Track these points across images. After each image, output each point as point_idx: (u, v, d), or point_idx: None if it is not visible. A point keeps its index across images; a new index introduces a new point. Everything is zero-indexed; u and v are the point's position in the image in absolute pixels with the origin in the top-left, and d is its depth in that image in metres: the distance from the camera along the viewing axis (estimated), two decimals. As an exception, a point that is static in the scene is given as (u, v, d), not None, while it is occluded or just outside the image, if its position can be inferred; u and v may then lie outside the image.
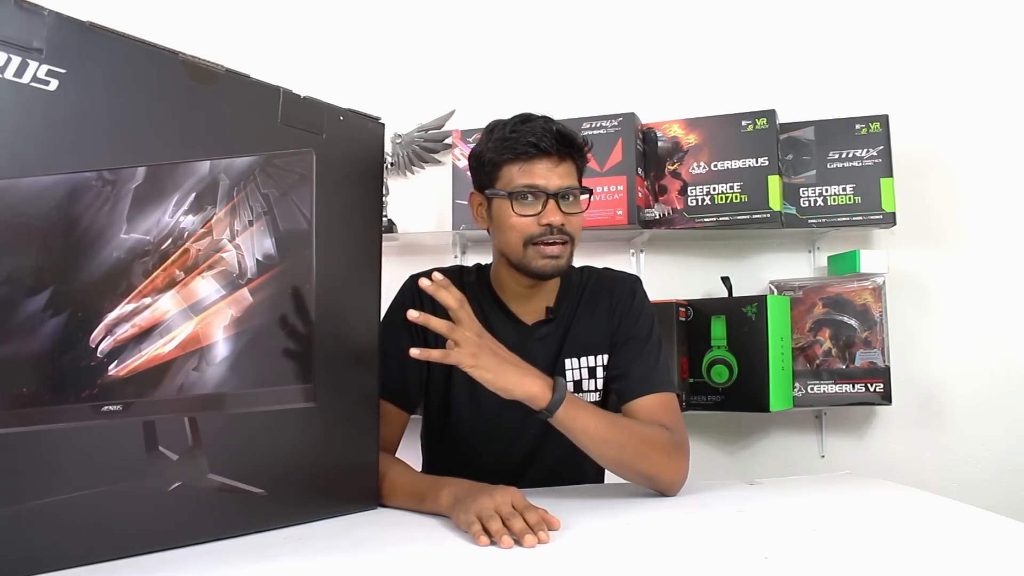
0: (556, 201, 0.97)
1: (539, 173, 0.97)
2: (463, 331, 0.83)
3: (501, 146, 0.99)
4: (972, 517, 0.80)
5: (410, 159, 1.85)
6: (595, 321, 1.08)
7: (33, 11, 0.61)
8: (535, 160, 0.97)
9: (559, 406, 0.86)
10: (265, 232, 0.75)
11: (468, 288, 1.09)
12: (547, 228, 0.97)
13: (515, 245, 0.99)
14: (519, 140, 0.97)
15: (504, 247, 1.02)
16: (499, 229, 1.02)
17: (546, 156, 0.98)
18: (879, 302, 1.60)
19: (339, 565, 0.66)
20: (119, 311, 0.65)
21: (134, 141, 0.66)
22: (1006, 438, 1.71)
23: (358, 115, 0.86)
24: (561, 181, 0.98)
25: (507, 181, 0.99)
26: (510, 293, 1.08)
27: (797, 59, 1.81)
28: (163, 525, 0.68)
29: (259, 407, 0.75)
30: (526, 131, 0.97)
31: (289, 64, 1.79)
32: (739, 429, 1.77)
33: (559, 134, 0.98)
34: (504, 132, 0.99)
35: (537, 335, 1.08)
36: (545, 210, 0.97)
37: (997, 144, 1.77)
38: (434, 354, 0.82)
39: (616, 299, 1.09)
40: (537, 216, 0.97)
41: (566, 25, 1.86)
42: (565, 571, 0.64)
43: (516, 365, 0.87)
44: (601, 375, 1.08)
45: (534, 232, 0.98)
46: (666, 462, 0.92)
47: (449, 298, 0.83)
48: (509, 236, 1.00)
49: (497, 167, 1.00)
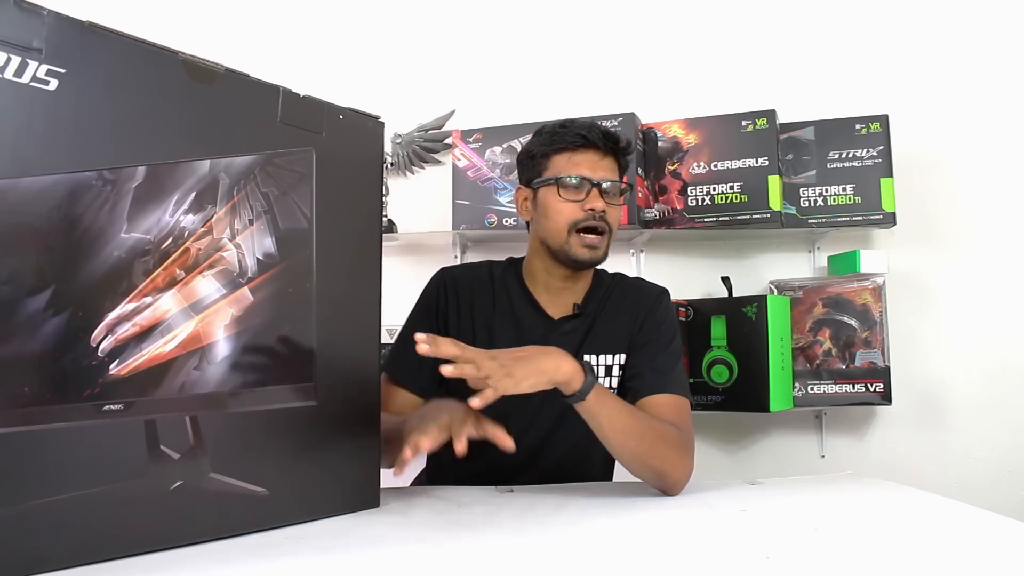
0: (600, 190, 1.03)
1: (586, 163, 1.05)
2: (482, 365, 0.80)
3: (551, 139, 1.07)
4: (972, 517, 0.80)
5: (410, 159, 1.85)
6: (618, 321, 1.11)
7: (32, 11, 0.61)
8: (583, 150, 1.05)
9: (591, 389, 0.87)
10: (265, 231, 0.75)
11: (497, 281, 1.14)
12: (590, 214, 1.03)
13: (559, 230, 1.05)
14: (569, 132, 1.05)
15: (546, 233, 1.07)
16: (544, 215, 1.07)
17: (593, 148, 1.05)
18: (879, 302, 1.60)
19: (340, 565, 0.66)
20: (120, 310, 0.65)
21: (134, 140, 0.66)
22: (1006, 438, 1.71)
23: (358, 114, 0.86)
24: (605, 173, 1.06)
25: (556, 170, 1.06)
26: (541, 286, 1.12)
27: (797, 59, 1.81)
28: (164, 525, 0.68)
29: (260, 406, 0.75)
30: (576, 126, 1.06)
31: (289, 63, 1.79)
32: (739, 429, 1.77)
33: (606, 131, 1.07)
34: (554, 127, 1.08)
35: (563, 329, 1.10)
36: (589, 196, 1.03)
37: (997, 144, 1.77)
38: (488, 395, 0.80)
39: (642, 304, 1.12)
40: (582, 202, 1.03)
41: (566, 25, 1.86)
42: (567, 569, 0.64)
43: (542, 352, 0.87)
44: (617, 374, 1.10)
45: (578, 218, 1.03)
46: (676, 459, 0.93)
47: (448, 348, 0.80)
48: (555, 221, 1.05)
49: (547, 157, 1.07)
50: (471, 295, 1.12)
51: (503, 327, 1.10)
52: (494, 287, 1.13)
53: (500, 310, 1.11)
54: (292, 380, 0.78)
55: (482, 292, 1.13)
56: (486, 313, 1.11)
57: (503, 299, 1.12)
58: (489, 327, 1.10)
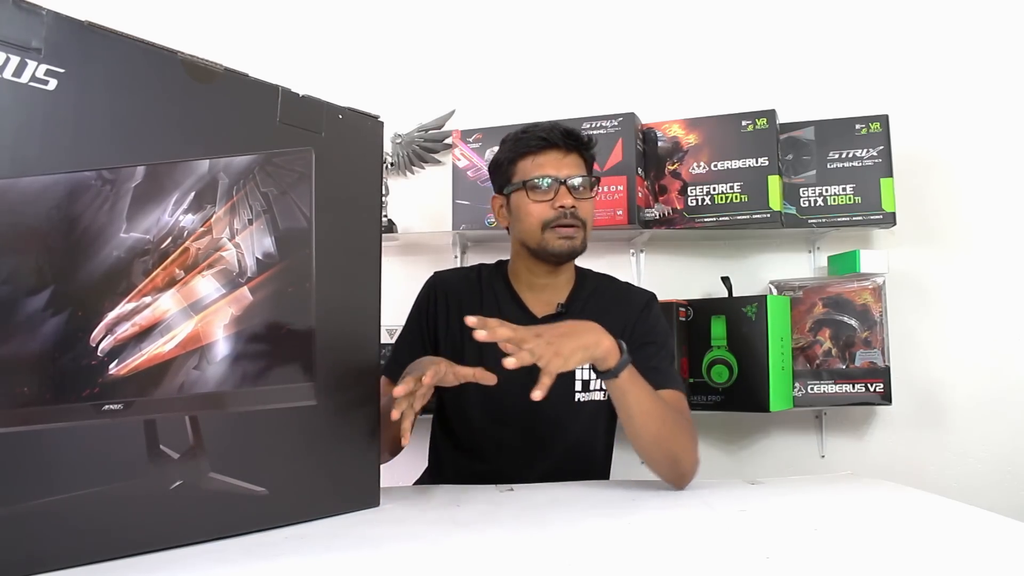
0: (567, 187, 1.08)
1: (550, 163, 1.10)
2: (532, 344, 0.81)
3: (515, 145, 1.12)
4: (972, 517, 0.80)
5: (410, 159, 1.85)
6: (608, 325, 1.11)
7: (31, 11, 0.61)
8: (545, 151, 1.10)
9: (625, 367, 0.89)
10: (265, 231, 0.75)
11: (485, 282, 1.19)
12: (561, 212, 1.07)
13: (533, 230, 1.09)
14: (531, 136, 1.11)
15: (523, 235, 1.12)
16: (518, 219, 1.12)
17: (554, 148, 1.10)
18: (879, 302, 1.60)
19: (340, 564, 0.66)
20: (119, 310, 0.65)
21: (133, 140, 0.66)
22: (1006, 438, 1.71)
23: (357, 114, 0.86)
24: (571, 170, 1.10)
25: (523, 174, 1.11)
26: (525, 285, 1.17)
27: (797, 59, 1.81)
28: (164, 524, 0.68)
29: (260, 405, 0.75)
30: (536, 130, 1.11)
31: (288, 63, 1.79)
32: (739, 429, 1.77)
33: (565, 130, 1.11)
34: (516, 134, 1.13)
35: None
36: (558, 195, 1.08)
37: (997, 144, 1.77)
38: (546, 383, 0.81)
39: (632, 309, 1.16)
40: (551, 201, 1.08)
41: (566, 25, 1.86)
42: (566, 569, 0.64)
43: (584, 327, 0.89)
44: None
45: (550, 216, 1.08)
46: (691, 448, 0.96)
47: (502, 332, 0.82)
48: (528, 223, 1.10)
49: (513, 164, 1.12)
50: (459, 297, 1.16)
51: None
52: (481, 288, 1.18)
53: (487, 310, 1.14)
54: (292, 380, 0.78)
55: (470, 294, 1.17)
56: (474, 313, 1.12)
57: (490, 299, 1.17)
58: None
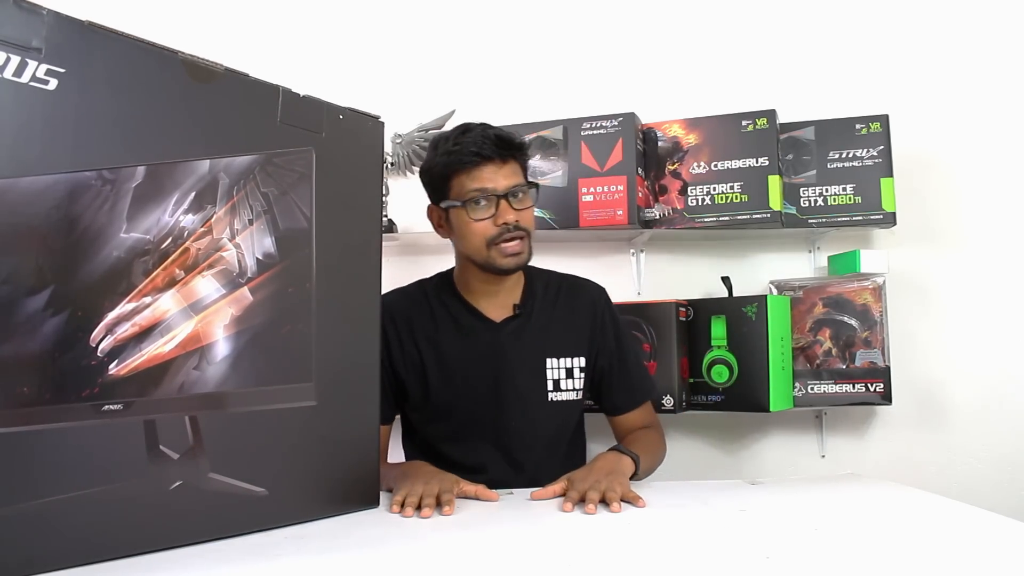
0: (507, 201, 1.04)
1: (486, 177, 1.04)
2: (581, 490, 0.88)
3: (447, 159, 1.06)
4: (972, 517, 0.80)
5: (410, 159, 1.85)
6: (574, 325, 1.18)
7: (32, 10, 0.61)
8: (480, 166, 1.04)
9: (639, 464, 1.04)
10: (265, 231, 0.75)
11: (432, 297, 1.17)
12: (504, 227, 1.05)
13: (478, 248, 1.07)
14: (463, 151, 1.04)
15: (468, 251, 1.09)
16: (460, 236, 1.09)
17: (489, 161, 1.04)
18: (879, 302, 1.60)
19: (340, 564, 0.66)
20: (119, 310, 0.65)
21: (134, 140, 0.66)
22: (1006, 438, 1.71)
23: (358, 114, 0.86)
24: (508, 181, 1.05)
25: (459, 191, 1.06)
26: (477, 293, 1.15)
27: (797, 59, 1.81)
28: (164, 524, 0.68)
29: (260, 406, 0.75)
30: (467, 142, 1.04)
31: (288, 63, 1.79)
32: (739, 429, 1.77)
33: (498, 139, 1.05)
34: (448, 146, 1.06)
35: (507, 331, 1.14)
36: (499, 211, 1.05)
37: (997, 144, 1.77)
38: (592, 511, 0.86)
39: (597, 301, 1.21)
40: (492, 218, 1.04)
41: (566, 25, 1.86)
42: (566, 569, 0.64)
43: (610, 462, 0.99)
44: (578, 375, 1.16)
45: (493, 233, 1.05)
46: (664, 451, 1.19)
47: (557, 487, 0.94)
48: (471, 241, 1.07)
49: (447, 179, 1.07)
50: (408, 317, 1.14)
51: (447, 338, 1.13)
52: (430, 303, 1.16)
53: (441, 323, 1.14)
54: (291, 380, 0.78)
55: (419, 311, 1.15)
56: (427, 330, 1.14)
57: (442, 313, 1.15)
58: (433, 341, 1.13)
